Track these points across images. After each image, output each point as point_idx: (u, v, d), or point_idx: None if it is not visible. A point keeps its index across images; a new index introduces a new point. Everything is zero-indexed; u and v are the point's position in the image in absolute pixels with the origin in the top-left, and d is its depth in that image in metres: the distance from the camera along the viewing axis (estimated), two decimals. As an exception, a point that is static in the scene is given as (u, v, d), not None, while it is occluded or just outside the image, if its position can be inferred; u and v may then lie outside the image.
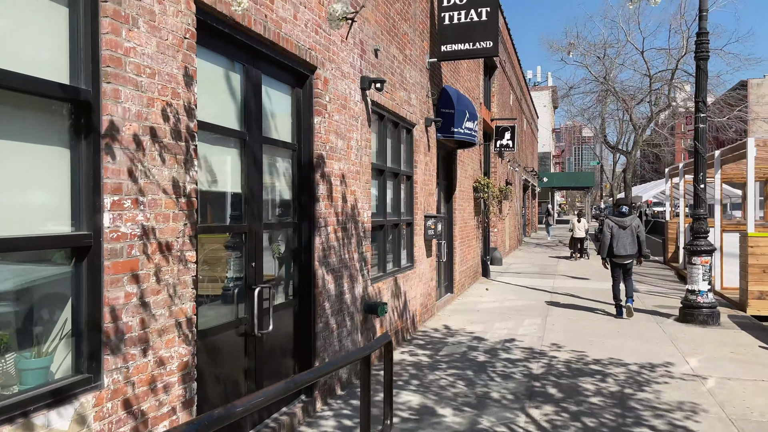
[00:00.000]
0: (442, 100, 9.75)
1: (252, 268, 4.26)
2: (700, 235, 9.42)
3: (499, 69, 18.06)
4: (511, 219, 23.14)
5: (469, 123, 10.05)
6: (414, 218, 8.45)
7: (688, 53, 20.78)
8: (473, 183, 13.43)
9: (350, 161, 5.86)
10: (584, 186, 50.88)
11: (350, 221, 5.87)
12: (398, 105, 7.47)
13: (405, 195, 8.31)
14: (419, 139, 8.59)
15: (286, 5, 4.49)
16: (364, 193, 6.28)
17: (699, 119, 9.32)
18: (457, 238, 11.62)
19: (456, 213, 11.56)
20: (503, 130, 16.39)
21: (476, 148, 13.86)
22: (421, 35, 8.65)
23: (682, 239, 16.77)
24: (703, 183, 9.39)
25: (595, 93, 24.05)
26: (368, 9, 6.34)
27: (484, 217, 15.14)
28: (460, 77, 11.77)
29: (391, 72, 7.17)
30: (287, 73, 4.81)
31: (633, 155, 23.14)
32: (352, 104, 5.89)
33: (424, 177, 8.92)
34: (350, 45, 5.83)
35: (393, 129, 7.70)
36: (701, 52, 9.22)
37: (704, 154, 9.34)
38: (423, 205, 8.87)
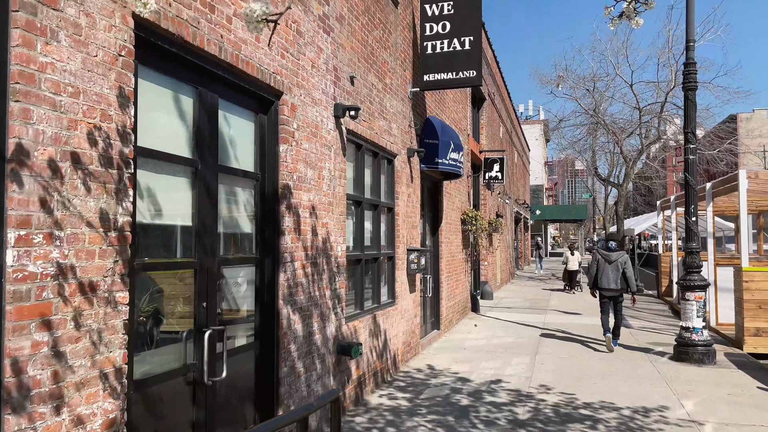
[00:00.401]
0: (426, 131, 9.51)
1: (203, 309, 3.88)
2: (693, 269, 9.09)
3: (487, 101, 17.97)
4: (503, 252, 22.80)
5: (454, 154, 9.79)
6: (396, 252, 8.10)
7: (677, 86, 20.82)
8: (461, 215, 13.12)
9: (322, 192, 5.53)
10: (577, 219, 50.82)
11: (321, 256, 5.51)
12: (377, 134, 7.19)
13: (386, 227, 7.97)
14: (401, 169, 8.30)
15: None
16: (338, 225, 5.93)
17: (688, 150, 9.09)
18: (443, 272, 11.25)
19: (442, 246, 11.22)
20: (492, 162, 16.18)
21: (464, 179, 13.60)
22: (402, 64, 8.44)
23: (675, 273, 16.44)
24: (694, 216, 9.10)
25: (586, 126, 24.02)
26: (343, 35, 6.11)
27: (473, 250, 14.79)
28: (446, 108, 11.57)
29: (369, 100, 6.91)
30: (249, 98, 4.51)
31: (624, 188, 22.98)
32: (324, 132, 5.60)
33: (407, 209, 8.61)
34: (322, 71, 5.57)
35: (372, 159, 7.40)
36: (689, 82, 9.05)
37: (695, 186, 9.09)
38: (406, 238, 8.53)
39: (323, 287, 5.55)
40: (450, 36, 8.55)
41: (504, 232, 22.95)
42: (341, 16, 6.04)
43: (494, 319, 13.28)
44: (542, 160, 59.98)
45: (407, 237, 8.61)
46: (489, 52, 18.49)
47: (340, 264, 5.99)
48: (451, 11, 8.56)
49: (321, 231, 5.50)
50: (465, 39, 8.46)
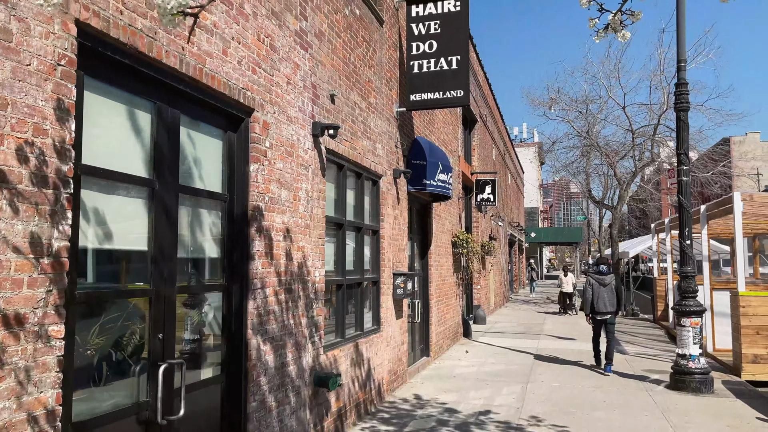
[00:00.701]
0: (414, 152, 9.29)
1: (158, 341, 3.58)
2: (689, 294, 8.82)
3: (479, 123, 17.84)
4: (496, 275, 22.49)
5: (442, 175, 9.56)
6: (381, 276, 7.80)
7: (669, 108, 20.76)
8: (452, 238, 12.86)
9: (298, 214, 5.26)
10: (572, 241, 50.63)
11: (297, 281, 5.22)
12: (360, 154, 6.96)
13: (370, 251, 7.69)
14: (387, 191, 8.05)
15: (213, 39, 3.99)
16: (316, 249, 5.65)
17: (682, 172, 8.89)
18: (433, 296, 10.94)
19: (432, 270, 10.93)
20: (484, 184, 15.98)
21: (455, 201, 13.37)
22: (388, 84, 8.25)
23: (671, 297, 16.15)
24: (688, 239, 8.86)
25: (579, 148, 23.92)
26: (323, 52, 5.90)
27: (465, 273, 14.50)
28: (435, 129, 11.38)
29: (351, 119, 6.69)
30: (216, 114, 4.27)
31: (618, 210, 22.80)
32: (301, 151, 5.35)
33: (393, 231, 8.34)
34: (299, 88, 5.34)
35: (355, 180, 7.15)
36: (681, 103, 8.88)
37: (689, 208, 8.86)
38: (392, 262, 8.24)
39: (299, 315, 5.25)
40: (437, 55, 8.38)
41: (497, 255, 22.66)
42: (320, 33, 5.84)
43: (486, 345, 12.93)
44: (537, 183, 60.01)
45: (393, 260, 8.33)
46: (481, 74, 18.43)
47: (318, 290, 5.69)
48: (438, 30, 8.40)
49: (296, 255, 5.22)
50: (452, 58, 8.29)
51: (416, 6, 8.51)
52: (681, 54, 8.92)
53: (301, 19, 5.40)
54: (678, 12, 8.86)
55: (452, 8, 8.35)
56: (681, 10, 8.84)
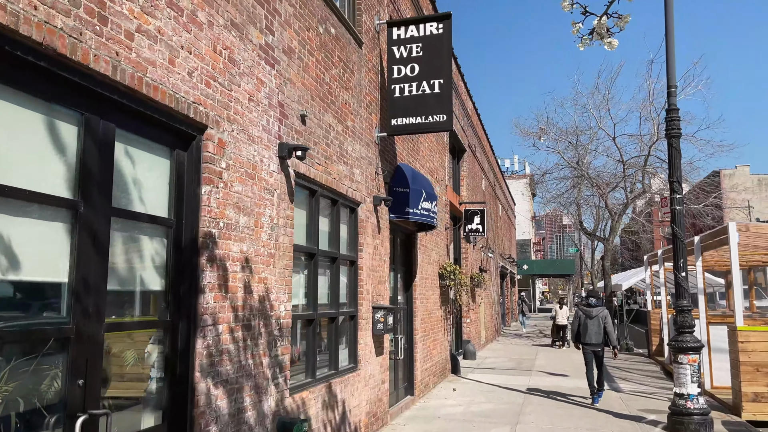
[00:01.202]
0: (396, 179, 8.90)
1: (79, 388, 3.08)
2: (686, 329, 8.35)
3: (468, 152, 17.56)
4: (487, 308, 21.94)
5: (426, 203, 9.16)
6: (359, 310, 7.31)
7: (660, 139, 20.62)
8: (439, 270, 12.39)
9: (260, 242, 4.80)
10: (565, 274, 50.12)
11: (257, 317, 4.73)
12: (336, 180, 6.54)
13: (347, 283, 7.22)
14: (366, 219, 7.62)
15: (157, 46, 3.59)
16: (282, 281, 5.18)
17: (675, 201, 8.52)
18: (418, 331, 10.41)
19: (417, 303, 10.43)
20: (472, 214, 15.59)
21: (442, 232, 12.95)
22: (368, 107, 7.90)
23: (665, 331, 15.67)
24: (684, 271, 8.44)
25: (570, 179, 23.67)
26: (292, 69, 5.53)
27: (453, 306, 13.98)
28: (420, 156, 11.03)
29: (325, 142, 6.29)
30: (162, 130, 3.85)
31: (610, 242, 22.44)
32: (265, 174, 4.92)
33: (373, 262, 7.87)
34: (263, 106, 4.95)
35: (330, 207, 6.72)
36: (672, 129, 8.57)
37: (683, 238, 8.47)
38: (371, 295, 7.76)
39: (259, 354, 4.74)
40: (419, 79, 8.06)
41: (488, 288, 22.16)
42: (290, 49, 5.48)
43: (475, 382, 12.34)
44: (529, 215, 59.84)
45: (373, 293, 7.84)
46: (469, 104, 18.24)
47: (284, 326, 5.20)
48: (420, 53, 8.10)
49: (257, 287, 4.74)
50: (435, 82, 7.97)
51: (397, 28, 8.23)
52: (671, 79, 8.65)
53: (267, 33, 5.04)
54: (667, 36, 8.63)
55: (434, 31, 8.07)
56: (670, 35, 8.61)
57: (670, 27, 8.63)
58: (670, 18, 8.66)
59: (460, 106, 16.46)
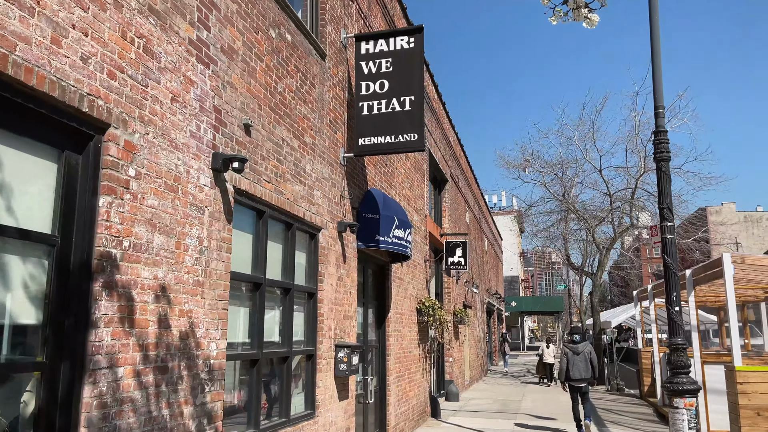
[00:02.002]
0: (366, 204, 8.22)
1: None
2: (681, 370, 7.58)
3: (450, 183, 16.97)
4: (472, 346, 21.05)
5: (399, 231, 8.46)
6: (318, 348, 6.51)
7: (647, 172, 20.22)
8: (416, 305, 11.61)
9: (183, 268, 4.05)
10: (554, 311, 49.27)
11: (177, 357, 3.95)
12: (290, 201, 5.84)
13: (305, 318, 6.44)
14: (328, 246, 6.89)
15: (33, 20, 2.92)
16: (213, 314, 4.41)
17: (666, 229, 7.87)
18: (392, 371, 9.57)
19: (390, 340, 9.61)
20: (454, 247, 14.90)
21: (421, 264, 12.22)
22: (332, 125, 7.26)
23: (658, 371, 14.87)
24: (677, 305, 7.73)
25: (556, 213, 23.12)
26: (234, 72, 4.88)
27: (433, 345, 13.14)
28: (396, 183, 10.38)
29: (276, 158, 5.61)
30: (47, 126, 3.14)
31: (599, 277, 21.76)
32: (193, 188, 4.21)
33: (337, 295, 7.11)
34: (193, 109, 4.27)
35: (283, 231, 6.00)
36: (661, 152, 7.99)
37: (675, 270, 7.79)
38: (334, 331, 6.97)
39: (179, 402, 3.94)
40: (389, 96, 7.47)
41: (473, 324, 21.31)
42: (231, 50, 4.84)
43: (456, 427, 11.43)
44: (517, 251, 59.30)
45: (336, 329, 7.06)
46: (452, 134, 17.77)
47: (215, 367, 4.41)
48: (390, 68, 7.53)
49: (178, 322, 3.97)
50: (405, 99, 7.38)
51: (366, 42, 7.67)
52: (658, 100, 8.11)
53: (200, 27, 4.40)
54: (653, 54, 8.13)
55: (405, 45, 7.52)
56: (656, 53, 8.12)
57: (656, 45, 8.15)
58: (656, 36, 8.18)
59: (442, 135, 15.95)
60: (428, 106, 13.83)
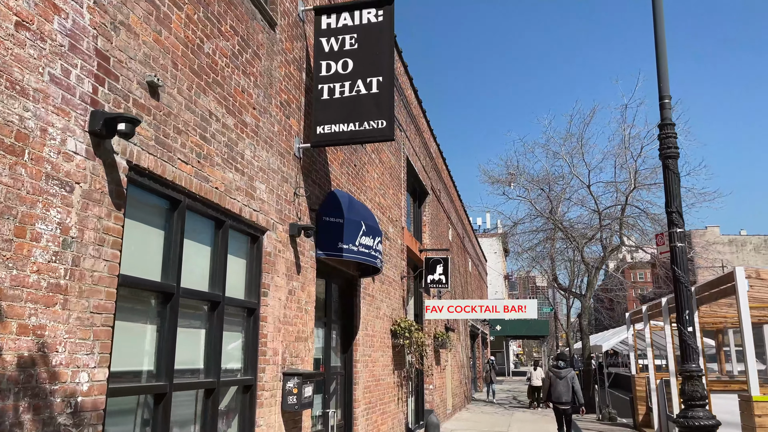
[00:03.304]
0: (327, 206, 7.03)
1: None
2: (696, 402, 6.41)
3: (431, 196, 15.86)
4: (455, 372, 19.73)
5: (366, 239, 7.27)
6: (258, 377, 5.25)
7: (637, 188, 19.31)
8: (391, 326, 10.36)
9: (29, 265, 2.82)
10: (539, 335, 48.01)
11: (21, 393, 2.70)
12: (220, 191, 4.64)
13: (243, 339, 5.19)
14: (276, 253, 5.67)
15: None
16: (86, 332, 3.16)
17: (675, 236, 6.77)
18: (359, 402, 8.28)
19: (358, 366, 8.34)
20: (434, 263, 13.70)
21: (397, 281, 11.00)
22: (284, 108, 6.11)
23: (654, 399, 13.69)
24: (690, 325, 6.60)
25: (542, 231, 22.04)
26: (135, 14, 3.71)
27: (410, 371, 11.86)
28: (367, 188, 9.21)
29: (201, 135, 4.42)
30: None
31: (587, 299, 20.65)
32: (52, 154, 3.00)
33: (287, 312, 5.87)
34: (57, 44, 3.08)
35: (210, 229, 4.78)
36: (668, 148, 6.94)
37: (687, 283, 6.67)
38: (282, 356, 5.72)
39: (12, 461, 2.67)
40: (353, 77, 6.34)
41: (456, 348, 20.03)
42: (130, -17, 3.68)
43: (434, 465, 10.11)
44: (502, 274, 58.29)
45: (285, 354, 5.80)
46: (433, 146, 16.72)
47: (85, 407, 3.14)
48: (355, 46, 6.42)
49: (17, 343, 2.73)
50: (372, 80, 6.25)
51: (327, 16, 6.57)
52: (663, 89, 7.09)
53: (76, -61, 3.23)
54: (656, 38, 7.13)
55: (372, 18, 6.43)
56: (660, 36, 7.12)
57: (659, 28, 7.15)
58: (660, 18, 7.19)
59: (422, 145, 14.89)
60: (406, 110, 12.77)
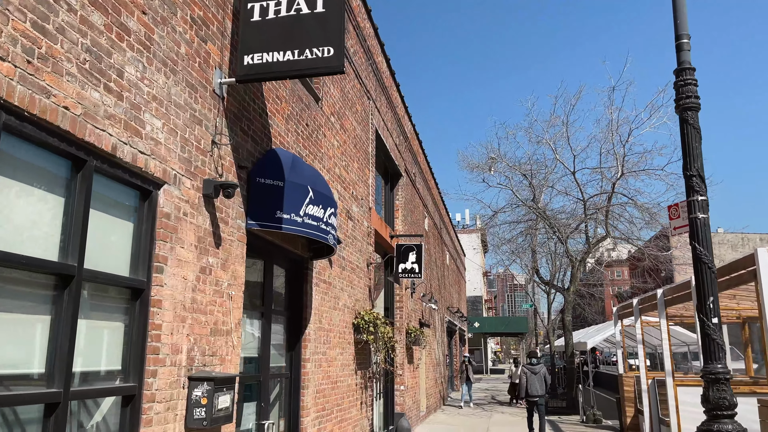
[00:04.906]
0: (264, 166, 5.58)
1: None
2: (724, 412, 5.10)
3: (405, 178, 14.45)
4: (430, 371, 18.38)
5: (315, 209, 5.82)
6: (145, 384, 3.78)
7: (624, 176, 18.14)
8: (353, 319, 8.94)
9: None
10: (518, 332, 47.00)
11: None
12: (74, 114, 3.16)
13: (126, 331, 3.72)
14: (179, 216, 4.21)
15: None
16: None
17: (695, 205, 5.45)
18: (309, 410, 6.84)
19: (308, 366, 6.90)
20: (407, 250, 12.31)
21: (362, 268, 9.58)
22: (198, 27, 4.63)
23: (645, 400, 12.48)
24: (715, 315, 5.29)
25: (523, 222, 20.76)
26: None
27: (378, 371, 10.45)
28: (323, 155, 7.76)
29: (38, 24, 2.94)
30: None
31: (571, 293, 19.43)
32: None
33: (196, 296, 4.41)
34: None
35: (62, 169, 3.30)
36: (687, 97, 5.60)
37: (711, 263, 5.36)
38: (187, 355, 4.25)
39: None
40: (292, -7, 4.89)
41: (431, 346, 18.69)
42: None
43: (402, 480, 8.71)
44: (481, 271, 57.27)
45: (194, 352, 4.34)
46: (408, 125, 15.32)
47: None
48: (296, -47, 4.97)
49: None
50: (317, -3, 4.81)
51: None
52: (681, 27, 5.76)
53: None
54: (674, -37, 5.79)
55: None
56: (678, -39, 5.78)
57: (676, -48, 5.82)
58: (676, -60, 5.86)
59: (395, 121, 13.48)
60: (375, 77, 11.34)
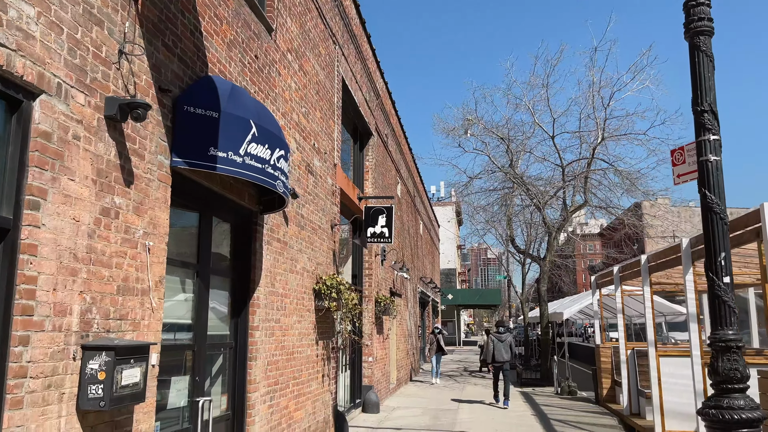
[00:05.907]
0: (195, 92, 4.59)
1: None
2: (735, 384, 4.37)
3: (376, 138, 13.50)
4: (401, 342, 17.71)
5: (259, 148, 4.87)
6: (13, 352, 2.85)
7: (605, 140, 17.47)
8: (314, 284, 8.06)
9: None
10: (491, 304, 46.90)
11: None
12: None
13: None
14: (67, 139, 3.23)
15: None
16: None
17: (705, 146, 4.65)
18: (258, 384, 5.98)
19: (256, 335, 6.02)
20: (376, 213, 11.43)
21: (325, 229, 8.68)
22: None
23: (624, 371, 11.97)
24: (727, 274, 4.53)
25: (499, 190, 20.00)
26: None
27: (341, 340, 9.63)
28: (277, 95, 6.76)
29: None
30: None
31: (547, 262, 18.84)
32: None
33: (95, 243, 3.46)
34: None
35: None
36: (698, 20, 4.75)
37: (724, 214, 4.59)
38: (79, 318, 3.33)
39: None
40: None
41: (402, 316, 17.99)
42: None
43: (366, 459, 7.96)
44: (455, 244, 56.88)
45: (91, 314, 3.41)
46: (380, 81, 14.32)
47: None
48: None
49: None
50: None
51: None
52: (693, -63, 4.88)
53: None
54: None
55: None
56: None
57: None
58: None
59: (365, 74, 12.47)
60: (342, 20, 10.29)
